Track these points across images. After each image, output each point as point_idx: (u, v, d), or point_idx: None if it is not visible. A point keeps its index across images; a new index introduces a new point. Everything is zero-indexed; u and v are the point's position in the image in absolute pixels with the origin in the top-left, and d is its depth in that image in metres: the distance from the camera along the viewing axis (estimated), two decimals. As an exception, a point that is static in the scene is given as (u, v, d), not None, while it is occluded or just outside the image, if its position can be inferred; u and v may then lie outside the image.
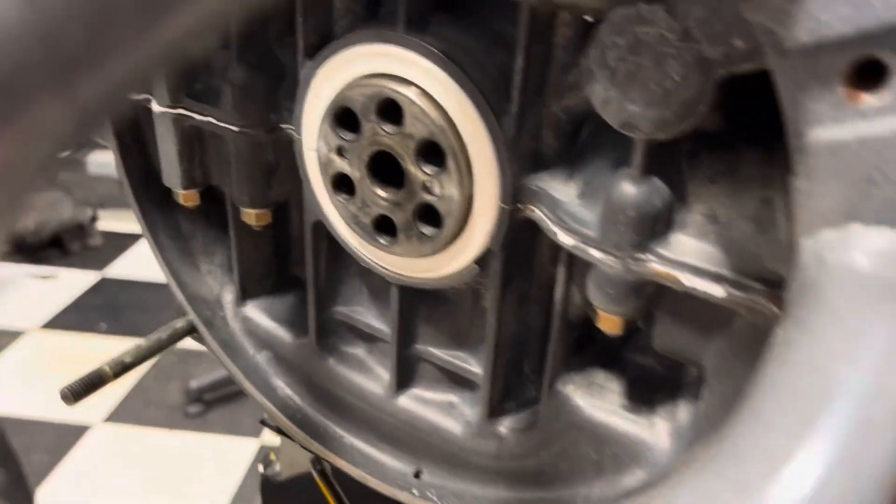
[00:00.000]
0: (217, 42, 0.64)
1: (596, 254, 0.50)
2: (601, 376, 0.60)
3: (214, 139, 0.69)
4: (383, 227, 0.60)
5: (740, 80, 0.42)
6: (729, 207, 0.47)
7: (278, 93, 0.64)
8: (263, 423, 0.88)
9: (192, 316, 0.76)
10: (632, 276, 0.49)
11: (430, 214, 0.58)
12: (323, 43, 0.61)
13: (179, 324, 0.76)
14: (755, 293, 0.45)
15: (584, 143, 0.56)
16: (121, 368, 0.70)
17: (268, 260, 0.77)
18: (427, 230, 0.58)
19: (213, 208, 0.76)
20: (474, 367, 0.66)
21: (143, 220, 0.74)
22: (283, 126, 0.65)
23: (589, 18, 0.48)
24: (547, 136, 0.54)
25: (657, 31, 0.42)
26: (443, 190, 0.55)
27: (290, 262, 0.79)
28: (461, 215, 0.56)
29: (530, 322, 0.62)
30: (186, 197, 0.70)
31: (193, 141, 0.68)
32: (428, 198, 0.56)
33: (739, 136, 0.48)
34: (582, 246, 0.50)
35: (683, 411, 0.57)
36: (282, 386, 0.76)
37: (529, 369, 0.65)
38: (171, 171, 0.69)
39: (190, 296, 0.76)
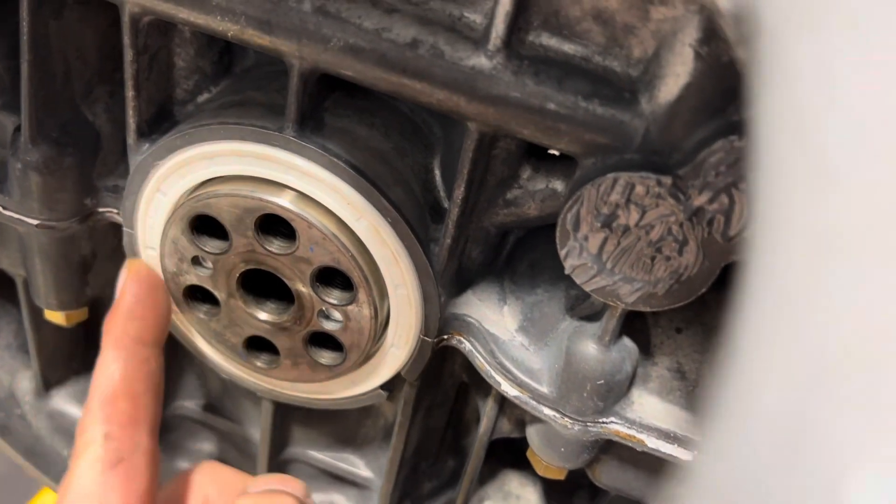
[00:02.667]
0: (-6, 103, 0.45)
1: (550, 413, 0.43)
2: (515, 482, 0.55)
3: (-5, 219, 0.50)
4: (259, 345, 0.48)
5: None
6: (697, 361, 0.43)
7: (94, 169, 0.48)
8: None
9: (-24, 423, 0.59)
10: (589, 436, 0.43)
11: (326, 339, 0.47)
12: (162, 114, 0.45)
13: (-40, 434, 0.59)
14: (726, 458, 0.42)
15: (510, 251, 0.47)
16: None
17: (73, 335, 0.60)
18: (324, 358, 0.47)
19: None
20: (362, 469, 0.58)
21: None
22: (103, 210, 0.49)
23: (554, 152, 0.39)
24: (472, 250, 0.45)
25: (660, 207, 0.34)
26: (347, 320, 0.45)
27: (100, 327, 0.63)
28: (369, 347, 0.46)
29: (432, 424, 0.55)
30: (-43, 289, 0.52)
31: (-37, 224, 0.49)
32: (326, 325, 0.45)
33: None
34: (532, 403, 0.43)
35: (606, 520, 0.54)
36: (112, 491, 0.62)
37: (426, 465, 0.58)
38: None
39: (-29, 400, 0.58)
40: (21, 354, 0.61)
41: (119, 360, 0.43)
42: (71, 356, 0.61)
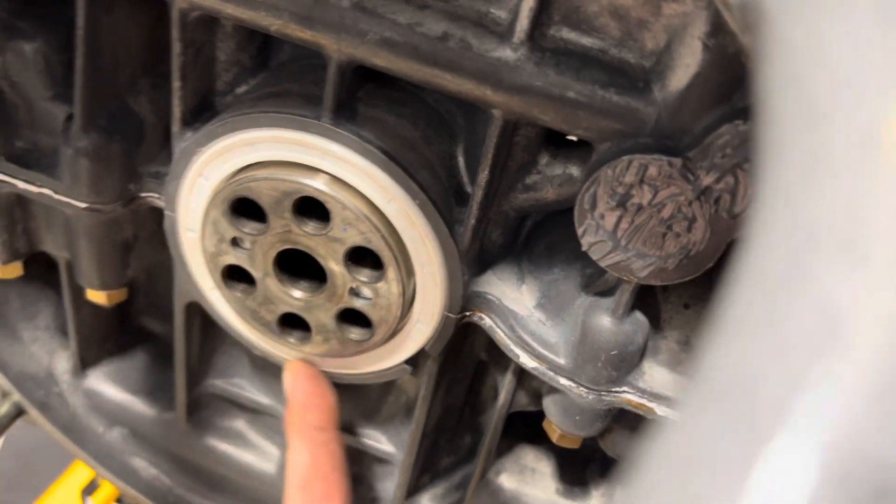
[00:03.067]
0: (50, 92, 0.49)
1: (566, 383, 0.46)
2: (531, 456, 0.58)
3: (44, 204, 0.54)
4: (292, 322, 0.52)
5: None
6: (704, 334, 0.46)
7: (137, 156, 0.51)
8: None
9: (19, 399, 0.62)
10: (602, 405, 0.46)
11: (355, 315, 0.50)
12: (204, 105, 0.48)
13: (3, 408, 0.62)
14: (731, 425, 0.45)
15: (528, 234, 0.50)
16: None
17: (108, 318, 0.64)
18: (353, 334, 0.50)
19: (29, 260, 0.61)
20: (385, 444, 0.61)
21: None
22: (145, 195, 0.52)
23: (571, 139, 0.42)
24: (493, 232, 0.48)
25: (671, 187, 0.38)
26: (377, 297, 0.48)
27: (132, 311, 0.67)
28: (396, 323, 0.49)
29: (452, 401, 0.58)
30: (5, 271, 0.55)
31: (14, 209, 0.53)
32: (357, 303, 0.48)
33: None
34: (549, 373, 0.46)
35: (619, 490, 0.57)
36: (144, 466, 0.65)
37: (445, 440, 0.61)
38: (-19, 243, 0.53)
39: (15, 377, 0.61)
40: (59, 336, 0.65)
41: (305, 449, 0.48)
42: (106, 338, 0.64)
